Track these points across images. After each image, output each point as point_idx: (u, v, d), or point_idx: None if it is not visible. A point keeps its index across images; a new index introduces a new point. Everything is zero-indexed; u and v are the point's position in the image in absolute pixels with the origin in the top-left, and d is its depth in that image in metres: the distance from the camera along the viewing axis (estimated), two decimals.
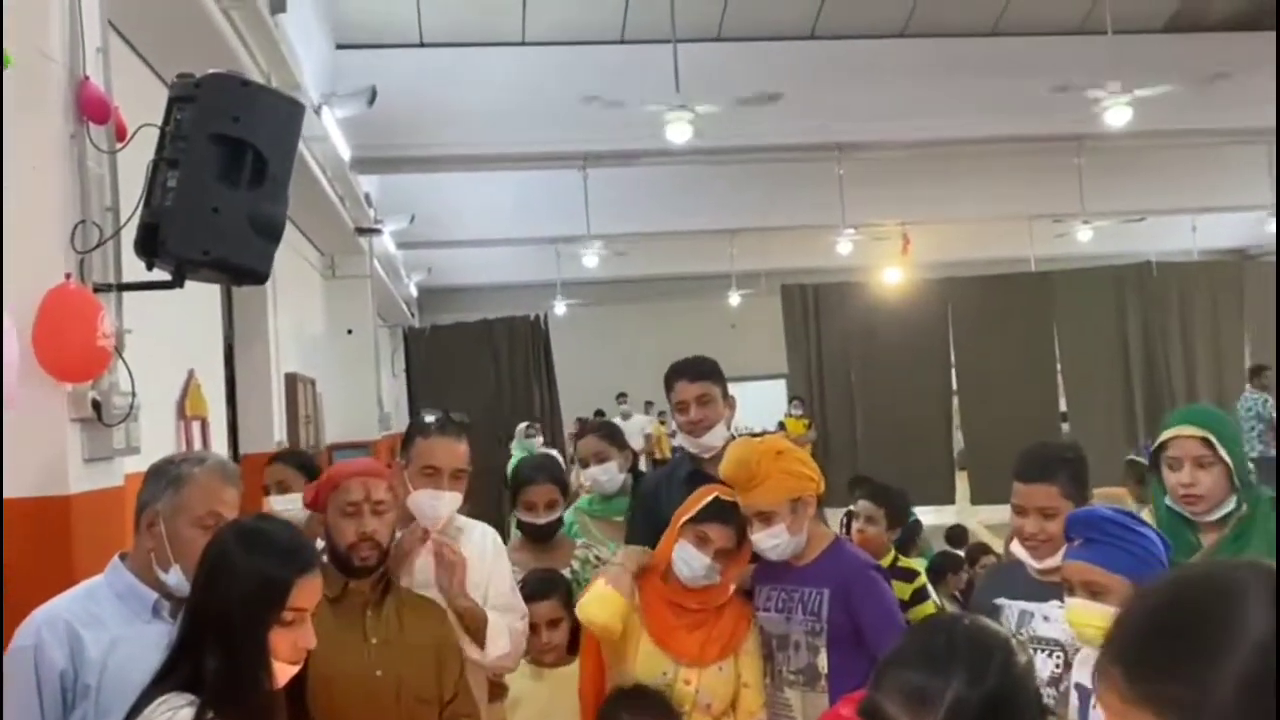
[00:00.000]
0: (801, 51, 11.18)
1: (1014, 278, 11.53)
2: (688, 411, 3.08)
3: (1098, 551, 2.10)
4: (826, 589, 2.65)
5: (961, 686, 1.24)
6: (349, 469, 2.49)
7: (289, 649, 1.79)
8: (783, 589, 2.72)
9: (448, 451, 2.68)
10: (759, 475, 2.65)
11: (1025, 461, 2.62)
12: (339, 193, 9.11)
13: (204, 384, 5.76)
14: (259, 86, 3.09)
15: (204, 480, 2.20)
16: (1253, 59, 11.00)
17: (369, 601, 2.40)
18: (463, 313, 14.31)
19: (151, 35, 4.69)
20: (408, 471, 2.70)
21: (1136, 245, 14.99)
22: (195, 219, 2.81)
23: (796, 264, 14.93)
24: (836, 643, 2.61)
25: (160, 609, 2.17)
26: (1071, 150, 11.45)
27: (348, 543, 2.37)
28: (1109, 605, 2.05)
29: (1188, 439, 2.57)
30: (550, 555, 3.31)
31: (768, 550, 2.68)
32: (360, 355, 11.04)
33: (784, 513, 2.65)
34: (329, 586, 2.34)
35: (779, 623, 2.71)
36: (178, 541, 2.15)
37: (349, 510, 2.38)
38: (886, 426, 10.38)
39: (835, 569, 2.69)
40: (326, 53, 9.80)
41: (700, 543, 2.69)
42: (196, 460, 2.27)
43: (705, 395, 3.08)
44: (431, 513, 2.65)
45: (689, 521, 2.72)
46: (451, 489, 2.67)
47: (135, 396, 3.01)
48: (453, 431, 2.74)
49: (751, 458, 2.66)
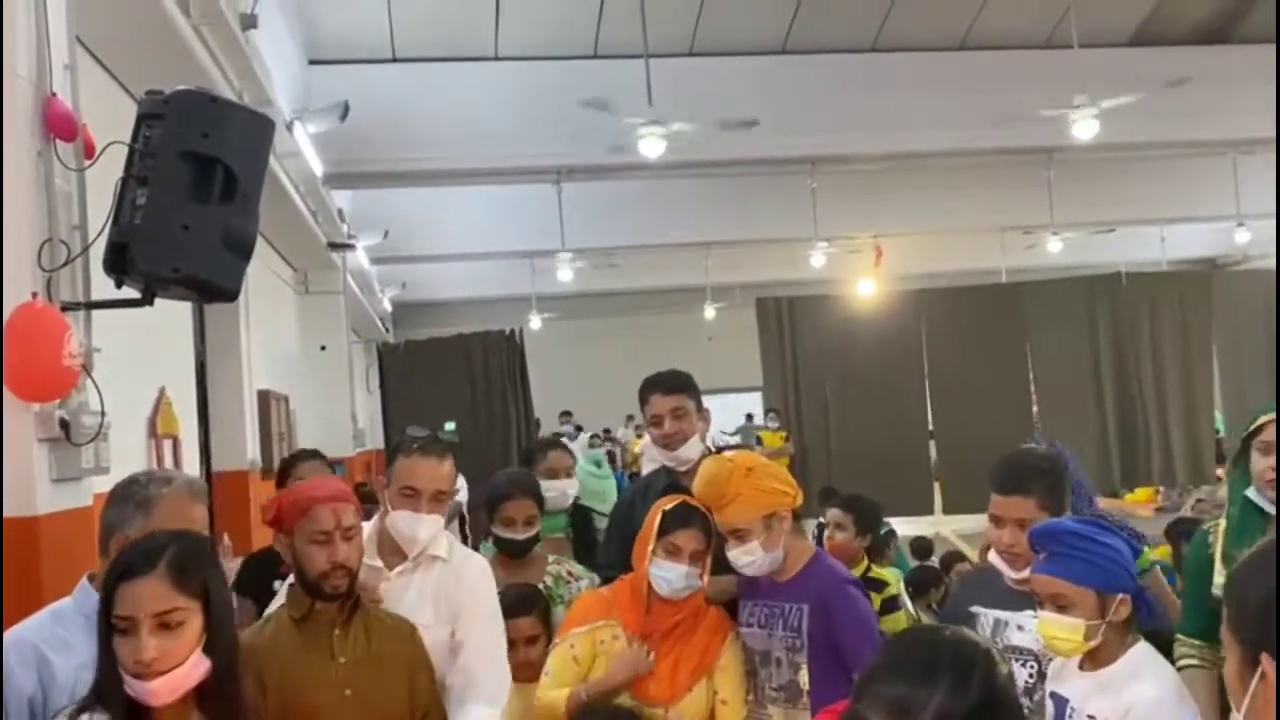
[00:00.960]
0: (774, 66, 11.26)
1: (986, 289, 11.62)
2: (662, 425, 3.07)
3: (1062, 565, 2.10)
4: (806, 604, 2.63)
5: (945, 698, 1.24)
6: (317, 493, 2.40)
7: (127, 658, 1.77)
8: (764, 604, 2.71)
9: (429, 473, 2.59)
10: (729, 493, 2.64)
11: (1002, 473, 2.61)
12: (311, 208, 9.08)
13: (175, 402, 5.72)
14: (228, 103, 3.07)
15: (173, 501, 2.17)
16: (1217, 71, 11.19)
17: (336, 621, 2.35)
18: (437, 327, 14.25)
19: (121, 52, 4.67)
20: (388, 491, 2.62)
21: (1106, 256, 15.15)
22: (165, 236, 2.79)
23: (771, 276, 15.00)
24: (817, 658, 2.59)
25: None
26: (1041, 162, 11.58)
27: (319, 571, 2.31)
28: (1077, 619, 2.06)
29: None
30: (524, 571, 3.27)
31: (743, 567, 2.66)
32: (334, 371, 10.98)
33: (758, 529, 2.63)
34: (294, 607, 2.35)
35: (761, 639, 2.69)
36: None
37: (319, 539, 2.31)
38: (863, 438, 10.42)
39: (813, 584, 2.67)
40: (299, 68, 9.77)
41: (672, 554, 2.67)
42: (163, 481, 2.23)
43: (680, 409, 3.08)
44: (409, 534, 2.57)
45: (656, 538, 2.70)
46: (431, 511, 2.58)
47: (105, 415, 2.97)
48: (436, 452, 2.63)
49: (721, 475, 2.65)
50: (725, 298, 16.89)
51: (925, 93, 10.87)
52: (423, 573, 2.61)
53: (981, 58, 11.40)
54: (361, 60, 10.70)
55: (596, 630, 2.71)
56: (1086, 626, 2.06)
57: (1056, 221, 12.80)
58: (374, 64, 10.78)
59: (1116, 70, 10.19)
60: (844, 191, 12.10)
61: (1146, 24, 11.74)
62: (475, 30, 10.82)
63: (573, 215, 11.90)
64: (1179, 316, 10.77)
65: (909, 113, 10.73)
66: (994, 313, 10.67)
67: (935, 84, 10.97)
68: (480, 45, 11.00)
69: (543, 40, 11.01)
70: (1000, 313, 10.67)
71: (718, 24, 10.92)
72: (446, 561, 2.64)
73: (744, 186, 12.82)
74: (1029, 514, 2.51)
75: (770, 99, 10.56)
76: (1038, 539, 2.20)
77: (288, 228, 8.58)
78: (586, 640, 2.70)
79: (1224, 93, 10.92)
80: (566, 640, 2.73)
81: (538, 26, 10.82)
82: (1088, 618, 2.07)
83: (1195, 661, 2.54)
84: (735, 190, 12.93)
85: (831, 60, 11.30)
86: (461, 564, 2.67)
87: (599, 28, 10.81)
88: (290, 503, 2.39)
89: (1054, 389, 10.55)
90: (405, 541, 2.59)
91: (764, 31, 11.14)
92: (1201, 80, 10.59)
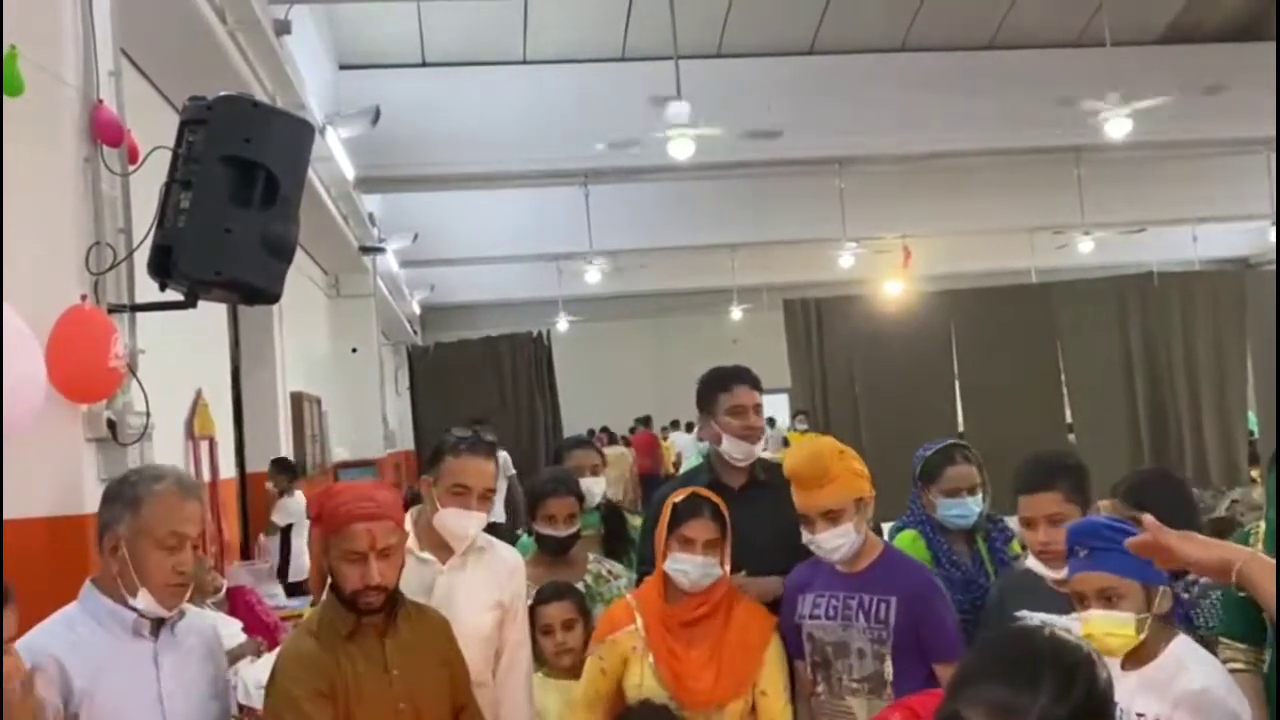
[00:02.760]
0: (802, 67, 11.24)
1: (1015, 289, 11.52)
2: (747, 416, 3.08)
3: (1107, 559, 2.09)
4: (893, 596, 2.61)
5: (1049, 703, 1.23)
6: (355, 510, 2.31)
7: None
8: (836, 595, 2.67)
9: (478, 471, 2.66)
10: (830, 473, 2.62)
11: (1026, 473, 2.63)
12: (343, 212, 9.17)
13: (211, 404, 5.79)
14: (270, 108, 3.13)
15: (162, 500, 2.13)
16: (1249, 68, 11.05)
17: (384, 630, 2.34)
18: (465, 330, 14.33)
19: (159, 59, 4.74)
20: (435, 489, 2.67)
21: (1138, 256, 15.01)
22: (208, 240, 2.84)
23: (798, 278, 14.97)
24: (901, 650, 2.58)
25: (141, 628, 2.14)
26: (1071, 162, 11.49)
27: (352, 589, 2.28)
28: (1126, 611, 2.06)
29: None
30: (564, 569, 3.30)
31: (832, 550, 2.63)
32: (364, 374, 11.07)
33: (850, 512, 2.62)
34: (341, 623, 2.31)
35: (834, 630, 2.66)
36: (142, 565, 2.09)
37: (353, 558, 2.28)
38: (893, 439, 10.33)
39: (899, 577, 2.65)
40: (330, 73, 9.87)
41: (686, 546, 2.67)
42: (153, 478, 2.18)
43: (760, 405, 3.12)
44: (460, 531, 2.64)
45: (668, 533, 2.71)
46: (480, 508, 2.66)
47: (149, 416, 3.03)
48: (483, 451, 2.70)
49: (824, 453, 2.65)
50: (752, 299, 16.86)
51: (954, 92, 10.81)
52: (473, 566, 2.71)
53: (1011, 56, 11.33)
54: (391, 65, 10.79)
55: (621, 639, 2.71)
56: (1137, 620, 2.05)
57: (1087, 221, 12.70)
58: (404, 69, 10.87)
59: (1147, 68, 10.11)
60: (872, 192, 12.06)
61: (1178, 21, 11.63)
62: (504, 35, 10.89)
63: (599, 218, 11.93)
64: (1212, 316, 10.64)
65: (938, 112, 10.68)
66: (1024, 313, 10.58)
67: (964, 83, 10.91)
68: (509, 49, 11.06)
69: (571, 43, 11.06)
70: (1030, 313, 10.58)
71: (746, 25, 10.92)
72: (489, 549, 2.76)
73: (771, 188, 12.80)
74: (1058, 508, 2.53)
75: (798, 99, 10.55)
76: (1076, 538, 2.19)
77: (320, 231, 8.67)
78: (612, 651, 2.71)
79: (1257, 91, 10.78)
80: (596, 652, 2.75)
81: (566, 29, 10.87)
82: (1136, 611, 2.06)
83: (1240, 665, 2.52)
84: (762, 191, 12.91)
85: (860, 60, 11.27)
86: (502, 551, 2.80)
87: (626, 30, 10.84)
88: (329, 513, 2.33)
89: (1086, 390, 10.44)
90: (456, 539, 2.66)
91: (792, 32, 11.13)
92: (1234, 78, 10.48)
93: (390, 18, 10.31)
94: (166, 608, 2.13)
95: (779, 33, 11.10)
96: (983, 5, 10.90)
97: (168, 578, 2.11)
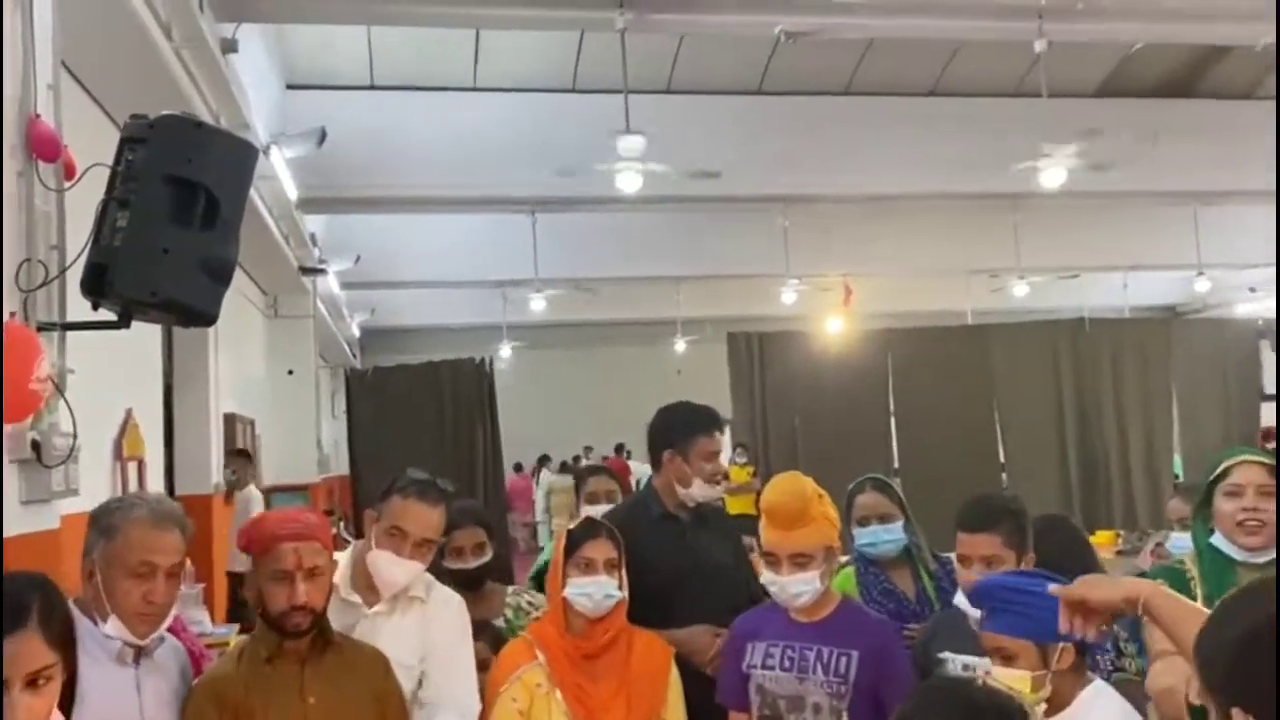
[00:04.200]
0: (749, 106, 11.41)
1: (952, 330, 11.74)
2: (717, 462, 3.12)
3: (1000, 620, 2.15)
4: (856, 650, 2.53)
5: None
6: (281, 530, 2.34)
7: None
8: (792, 645, 2.58)
9: (419, 517, 2.55)
10: (808, 514, 2.56)
11: (968, 512, 2.67)
12: (284, 232, 9.06)
13: (142, 424, 5.66)
14: (213, 128, 3.09)
15: (134, 529, 2.14)
16: (1179, 124, 11.47)
17: (305, 658, 2.32)
18: (406, 354, 14.19)
19: (101, 73, 4.66)
20: (376, 525, 2.59)
21: (1070, 300, 15.40)
22: (145, 259, 2.79)
23: (742, 312, 15.09)
24: (858, 706, 2.51)
25: (125, 656, 2.14)
26: (1008, 208, 11.77)
27: (278, 610, 2.28)
28: (1021, 669, 2.10)
29: (1252, 465, 2.46)
30: (478, 605, 3.13)
31: (795, 596, 2.55)
32: (300, 396, 10.90)
33: (819, 559, 2.55)
34: (263, 645, 2.31)
35: (789, 682, 2.56)
36: (113, 593, 2.11)
37: (280, 577, 2.28)
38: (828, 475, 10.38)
39: (862, 630, 2.59)
40: (277, 92, 9.78)
41: (586, 568, 2.64)
42: (129, 506, 2.20)
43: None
44: (388, 578, 2.54)
45: (565, 559, 2.66)
46: (414, 557, 2.55)
47: (76, 437, 2.95)
48: (432, 498, 2.59)
49: (806, 492, 2.58)
50: (696, 331, 16.96)
51: (897, 136, 11.05)
52: (400, 614, 2.58)
53: (952, 103, 11.61)
54: (340, 87, 10.72)
55: (528, 675, 2.64)
56: (1032, 678, 2.09)
57: (1022, 266, 13.00)
58: (352, 90, 10.81)
59: (1083, 120, 10.41)
60: (816, 230, 12.24)
61: (1113, 76, 12.02)
62: (455, 60, 10.88)
63: (546, 246, 11.94)
64: (1140, 362, 10.93)
65: (881, 155, 10.90)
66: (960, 354, 10.78)
67: (907, 128, 11.15)
68: (459, 75, 11.06)
69: (522, 72, 11.09)
70: (966, 354, 10.78)
71: (695, 63, 11.05)
72: (425, 603, 2.62)
73: (717, 222, 12.93)
74: (995, 551, 2.57)
75: (745, 138, 10.69)
76: (974, 598, 2.25)
77: (260, 251, 8.56)
78: (521, 688, 2.63)
79: (1186, 146, 11.20)
80: (507, 694, 2.62)
81: (517, 58, 10.90)
82: (1033, 668, 2.10)
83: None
84: (709, 226, 13.04)
85: (806, 101, 11.47)
86: (439, 606, 2.64)
87: (578, 62, 10.91)
88: (256, 535, 2.36)
89: (1019, 430, 10.65)
90: (382, 584, 2.55)
91: (741, 71, 11.29)
92: (1164, 133, 10.85)
93: (340, 39, 10.26)
94: (137, 635, 2.13)
95: (728, 72, 11.26)
96: (926, 53, 11.16)
97: (137, 606, 2.11)
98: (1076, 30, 7.19)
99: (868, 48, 10.99)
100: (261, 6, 6.42)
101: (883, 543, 3.21)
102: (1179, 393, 11.10)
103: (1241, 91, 12.29)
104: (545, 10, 6.67)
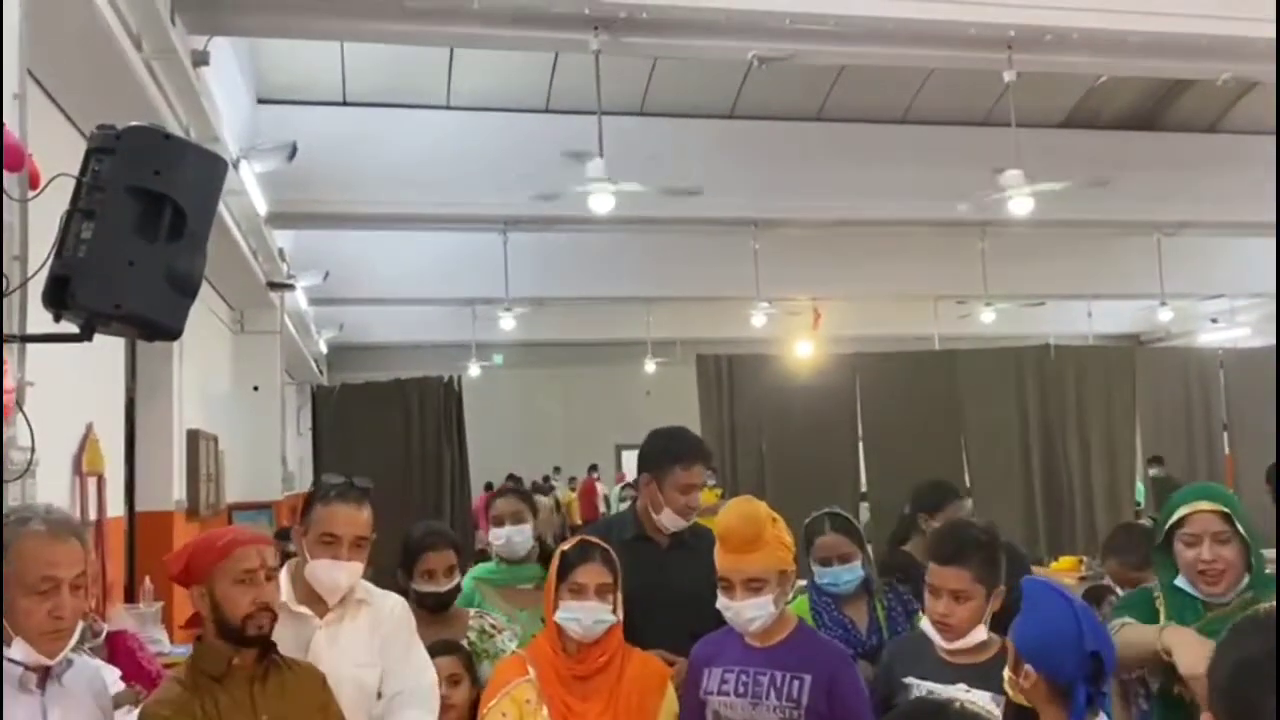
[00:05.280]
0: (721, 129, 11.48)
1: (919, 355, 11.85)
2: (692, 495, 3.14)
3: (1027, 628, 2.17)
4: (808, 675, 2.53)
5: None
6: (237, 537, 2.38)
7: None
8: (746, 670, 2.58)
9: (348, 519, 2.59)
10: (762, 539, 2.56)
11: (941, 543, 2.67)
12: (252, 247, 8.98)
13: (102, 439, 5.57)
14: (182, 141, 3.05)
15: (30, 545, 2.03)
16: (1144, 156, 11.69)
17: (254, 675, 2.31)
18: (373, 371, 14.11)
19: (70, 84, 4.61)
20: (306, 539, 2.60)
21: (1036, 327, 15.58)
22: (109, 272, 2.74)
23: (711, 334, 15.14)
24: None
25: (27, 682, 2.02)
26: (976, 235, 11.91)
27: (244, 613, 2.28)
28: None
29: (1207, 514, 2.44)
30: (445, 626, 3.19)
31: (749, 621, 2.56)
32: (266, 413, 10.78)
33: (773, 583, 2.56)
34: (211, 663, 2.28)
35: (743, 708, 2.57)
36: (15, 613, 1.99)
37: (244, 578, 2.29)
38: (796, 498, 10.45)
39: (814, 655, 2.58)
40: (248, 106, 9.72)
41: (577, 592, 2.63)
42: (20, 520, 2.08)
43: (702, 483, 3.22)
44: (330, 584, 2.56)
45: (558, 582, 2.66)
46: (351, 558, 2.57)
47: (34, 452, 2.90)
48: (354, 498, 2.64)
49: (759, 516, 2.59)
50: (666, 353, 16.99)
51: (867, 162, 11.15)
52: (351, 619, 2.62)
53: (922, 131, 11.74)
54: (312, 101, 10.68)
55: (517, 690, 2.64)
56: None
57: (989, 292, 13.14)
58: (324, 105, 10.77)
59: (1050, 150, 10.56)
60: (786, 254, 12.31)
61: (1078, 108, 12.21)
62: (428, 78, 10.87)
63: (517, 265, 11.92)
64: (1104, 389, 11.07)
65: (851, 181, 11.00)
66: (927, 379, 10.87)
67: (877, 154, 11.27)
68: (432, 93, 11.05)
69: (495, 91, 11.10)
70: (933, 379, 10.88)
71: (668, 86, 11.12)
72: (369, 604, 2.66)
73: (688, 244, 12.98)
74: (964, 585, 2.56)
75: (717, 161, 10.74)
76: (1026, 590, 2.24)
77: (227, 266, 8.47)
78: (510, 703, 2.63)
79: (1149, 176, 11.40)
80: (496, 708, 2.64)
81: (491, 77, 10.91)
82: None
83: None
84: (679, 247, 13.09)
85: (778, 126, 11.56)
86: (382, 603, 2.70)
87: (551, 82, 10.93)
88: (206, 547, 2.34)
89: (984, 455, 10.74)
90: (326, 590, 2.57)
91: (714, 95, 11.36)
92: (1129, 165, 11.03)
93: (312, 54, 10.23)
94: (48, 655, 2.03)
95: (701, 95, 11.33)
96: (897, 81, 11.28)
97: (43, 624, 2.01)
98: (1044, 61, 7.30)
99: (839, 75, 11.10)
100: (234, 20, 6.38)
101: (844, 582, 3.24)
102: (1142, 421, 11.25)
103: (1205, 125, 12.52)
104: (520, 30, 6.67)
